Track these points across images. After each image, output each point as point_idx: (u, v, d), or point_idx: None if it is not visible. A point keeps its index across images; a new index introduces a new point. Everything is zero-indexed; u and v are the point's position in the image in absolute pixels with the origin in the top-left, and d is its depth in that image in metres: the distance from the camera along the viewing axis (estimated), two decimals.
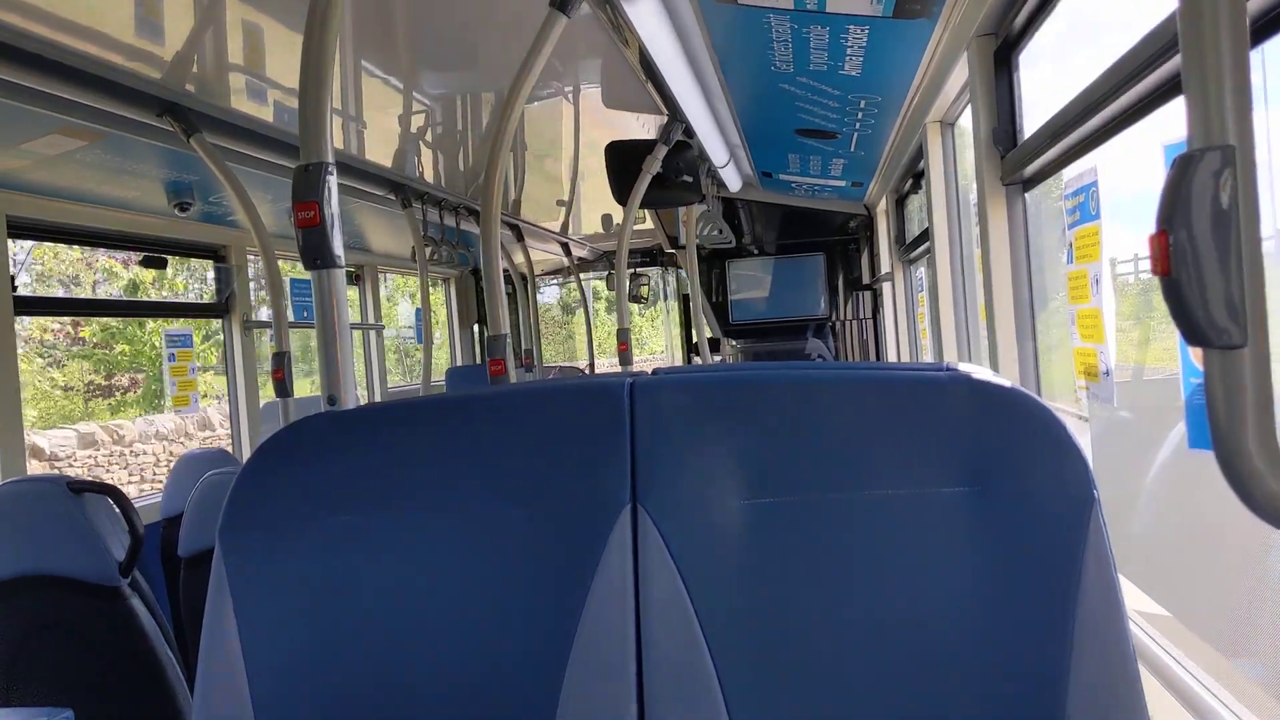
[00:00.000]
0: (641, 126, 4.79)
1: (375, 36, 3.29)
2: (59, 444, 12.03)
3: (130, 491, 10.01)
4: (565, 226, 7.95)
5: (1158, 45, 1.66)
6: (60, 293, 14.78)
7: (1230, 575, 2.07)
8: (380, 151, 4.82)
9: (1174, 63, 1.63)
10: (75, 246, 12.54)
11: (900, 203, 5.90)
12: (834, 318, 7.93)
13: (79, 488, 2.61)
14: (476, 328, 9.12)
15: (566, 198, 6.86)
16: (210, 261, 5.34)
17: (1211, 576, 2.18)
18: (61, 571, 2.58)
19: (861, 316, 7.87)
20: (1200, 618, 2.08)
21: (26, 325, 13.72)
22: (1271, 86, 1.43)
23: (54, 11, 2.59)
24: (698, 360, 7.50)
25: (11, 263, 3.79)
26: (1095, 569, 1.14)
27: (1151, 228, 0.87)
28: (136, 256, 5.01)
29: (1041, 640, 1.14)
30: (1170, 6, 1.44)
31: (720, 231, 6.70)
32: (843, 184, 6.43)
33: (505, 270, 8.07)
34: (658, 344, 19.43)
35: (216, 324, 5.50)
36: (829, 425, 1.22)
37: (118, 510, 2.69)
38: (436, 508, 1.26)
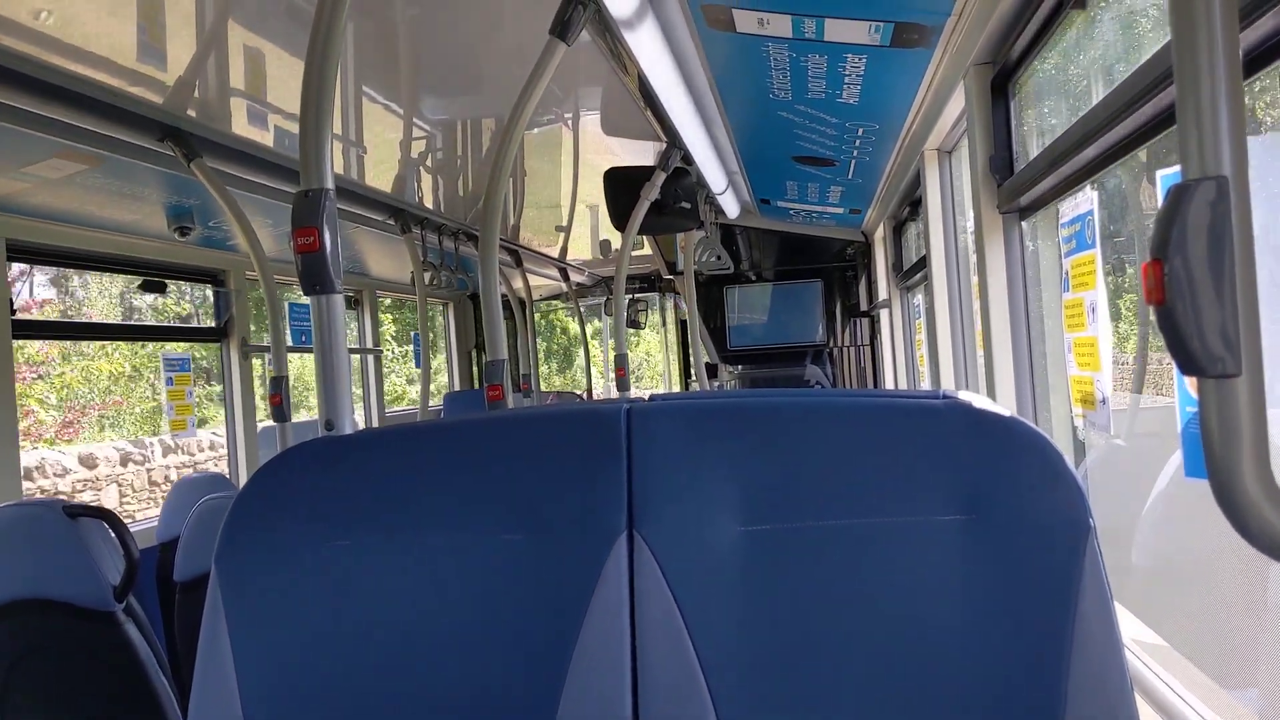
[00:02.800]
0: (640, 153, 4.81)
1: (376, 63, 3.31)
2: None
3: None
4: (564, 252, 7.96)
5: (1153, 75, 1.67)
6: None
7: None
8: (380, 177, 4.83)
9: (1170, 93, 1.64)
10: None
11: (898, 230, 5.92)
12: (832, 344, 7.93)
13: (74, 512, 2.60)
14: (474, 352, 9.12)
15: (565, 223, 6.88)
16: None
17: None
18: (56, 596, 2.57)
19: (859, 343, 7.88)
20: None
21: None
22: None
23: (57, 36, 2.61)
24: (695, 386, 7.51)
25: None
26: (1091, 597, 1.14)
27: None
28: None
29: (1037, 668, 1.14)
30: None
31: (718, 258, 6.72)
32: (840, 211, 6.45)
33: (503, 295, 8.08)
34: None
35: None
36: (826, 452, 1.22)
37: (113, 534, 2.67)
38: (433, 533, 1.26)
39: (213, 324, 5.39)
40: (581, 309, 9.40)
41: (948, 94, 3.18)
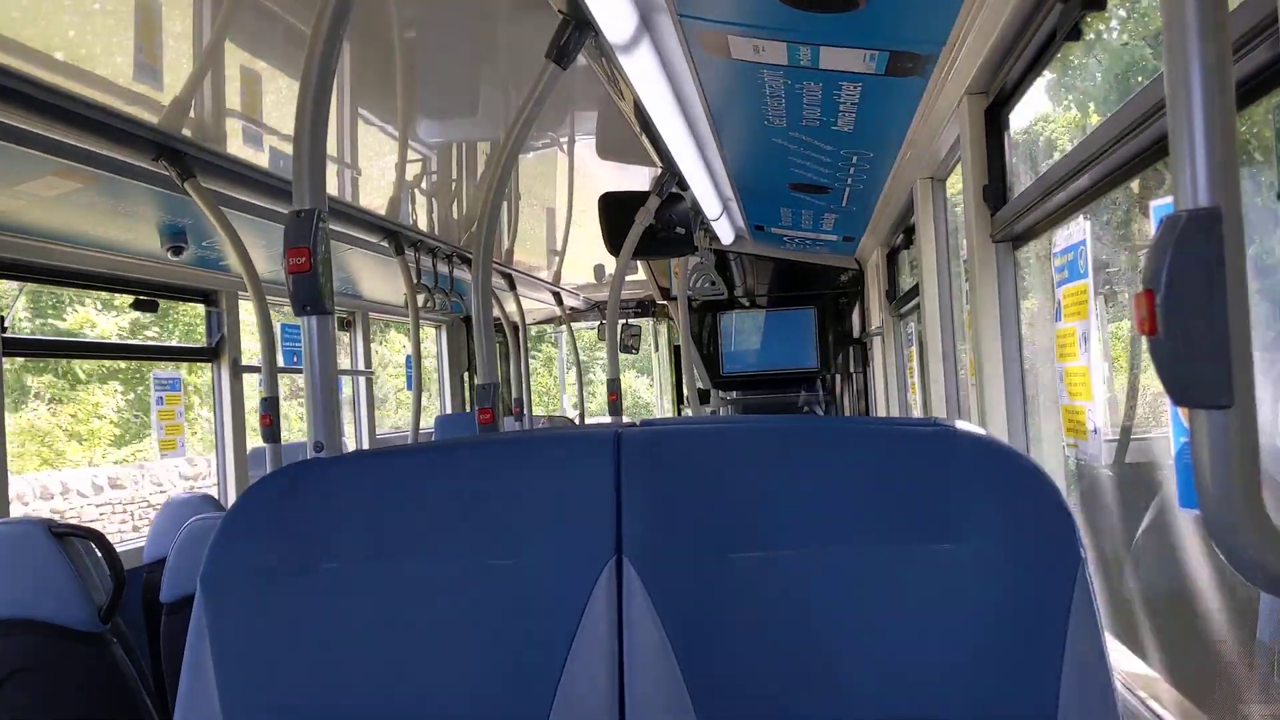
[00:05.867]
0: (635, 178, 4.81)
1: (372, 84, 3.31)
2: None
3: None
4: (557, 276, 7.97)
5: (1146, 106, 1.68)
6: None
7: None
8: (374, 198, 4.83)
9: (1163, 123, 1.64)
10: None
11: (891, 257, 5.93)
12: (825, 371, 7.94)
13: (61, 531, 2.58)
14: (466, 375, 9.09)
15: (559, 247, 6.89)
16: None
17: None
18: (41, 616, 2.55)
19: (852, 370, 7.89)
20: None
21: None
22: None
23: (53, 55, 2.61)
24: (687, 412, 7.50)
25: None
26: (1082, 627, 1.13)
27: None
28: None
29: (1026, 697, 1.13)
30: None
31: (712, 283, 6.72)
32: (834, 238, 6.46)
33: (496, 318, 8.08)
34: None
35: None
36: (815, 479, 1.22)
37: (100, 554, 2.66)
38: (421, 556, 1.25)
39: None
40: (574, 333, 9.39)
41: (941, 122, 3.19)
